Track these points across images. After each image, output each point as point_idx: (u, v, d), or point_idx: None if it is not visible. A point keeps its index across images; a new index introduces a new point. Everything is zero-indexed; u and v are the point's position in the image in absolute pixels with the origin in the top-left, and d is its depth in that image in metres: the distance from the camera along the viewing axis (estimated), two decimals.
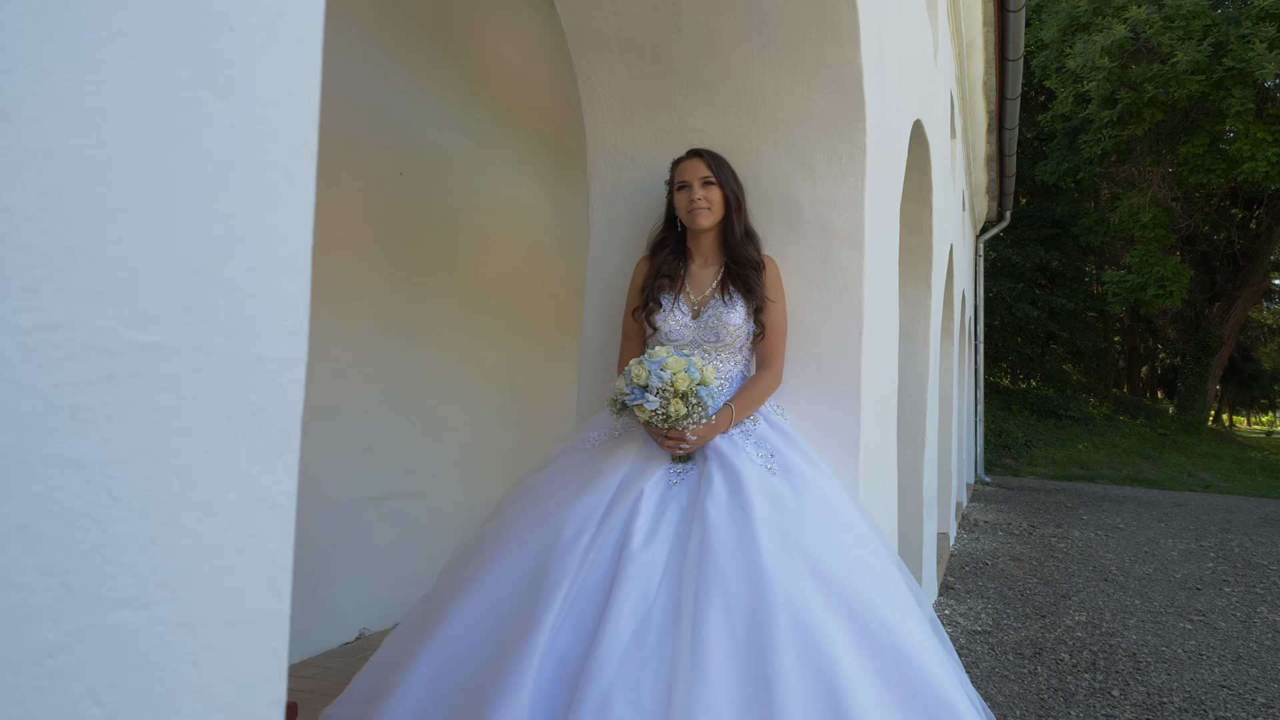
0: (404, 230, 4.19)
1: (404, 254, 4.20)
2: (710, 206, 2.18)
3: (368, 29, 3.89)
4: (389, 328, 4.10)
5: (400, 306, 4.19)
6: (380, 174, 4.00)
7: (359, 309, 3.89)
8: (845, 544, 1.87)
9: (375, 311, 4.01)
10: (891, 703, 1.70)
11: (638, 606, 1.80)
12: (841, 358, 2.26)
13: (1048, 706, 3.73)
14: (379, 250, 4.03)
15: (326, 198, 3.67)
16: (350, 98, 3.77)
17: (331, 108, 3.65)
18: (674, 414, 1.92)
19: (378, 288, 4.03)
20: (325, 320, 3.70)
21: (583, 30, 2.37)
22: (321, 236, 3.63)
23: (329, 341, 3.73)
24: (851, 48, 2.16)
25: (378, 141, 3.96)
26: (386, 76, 4.01)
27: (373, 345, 4.00)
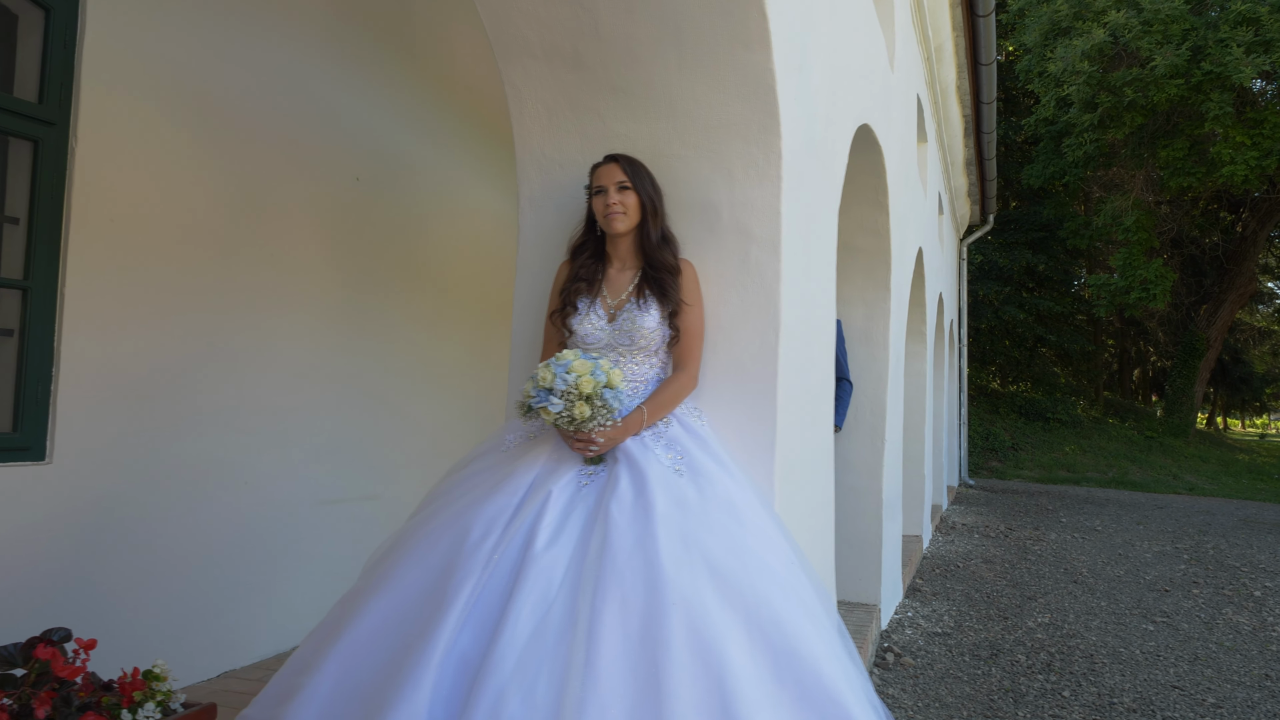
0: (363, 234, 4.21)
1: (363, 257, 4.22)
2: (626, 211, 2.20)
3: (324, 35, 3.91)
4: (348, 330, 4.12)
5: (360, 309, 4.20)
6: (336, 178, 4.02)
7: (315, 311, 3.91)
8: (747, 545, 1.89)
9: (333, 313, 4.03)
10: (782, 700, 1.73)
11: (538, 606, 1.82)
12: (758, 360, 2.28)
13: (996, 707, 3.75)
14: (335, 253, 4.05)
15: (277, 201, 3.69)
16: (303, 103, 3.79)
17: (282, 113, 3.68)
18: (579, 416, 1.95)
19: (335, 290, 4.04)
20: (280, 322, 3.72)
21: (507, 37, 2.39)
22: (272, 239, 3.66)
23: (284, 343, 3.75)
24: (764, 54, 2.19)
25: (332, 146, 3.98)
26: (343, 82, 4.03)
27: (331, 347, 4.02)
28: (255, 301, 3.61)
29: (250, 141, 3.54)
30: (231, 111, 3.44)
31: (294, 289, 3.81)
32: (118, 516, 3.00)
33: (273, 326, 3.69)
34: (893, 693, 3.83)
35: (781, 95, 2.25)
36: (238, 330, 3.52)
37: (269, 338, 3.68)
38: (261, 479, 3.64)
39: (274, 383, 3.71)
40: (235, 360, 3.51)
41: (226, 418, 3.47)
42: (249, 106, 3.52)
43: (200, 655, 3.30)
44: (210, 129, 3.36)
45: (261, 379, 3.64)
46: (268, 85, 3.61)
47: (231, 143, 3.45)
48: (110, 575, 2.97)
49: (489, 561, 1.92)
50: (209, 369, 3.39)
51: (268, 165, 3.63)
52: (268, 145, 3.62)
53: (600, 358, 2.05)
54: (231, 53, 3.44)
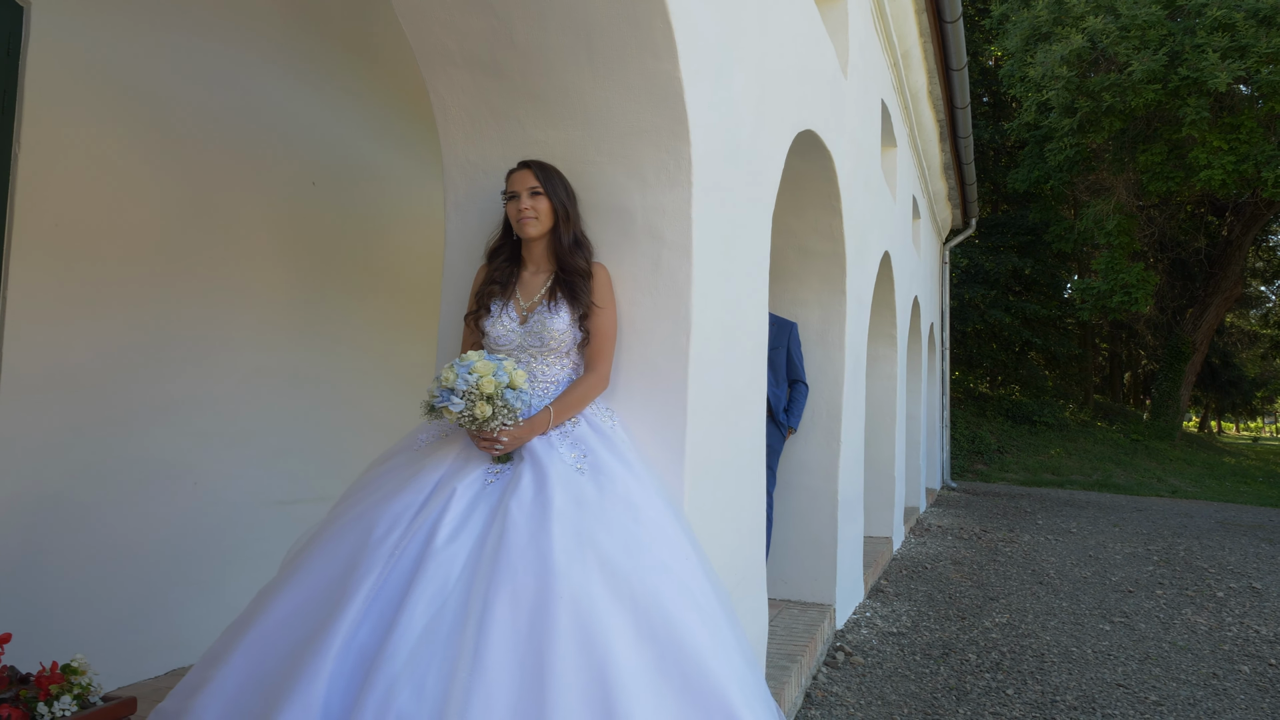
0: (319, 237, 4.26)
1: (320, 259, 4.27)
2: (538, 216, 2.26)
3: (277, 40, 3.97)
4: (304, 330, 4.17)
5: (317, 310, 4.26)
6: (291, 182, 4.08)
7: (268, 312, 3.96)
8: (641, 541, 1.94)
9: (287, 314, 4.08)
10: (665, 692, 1.77)
11: (433, 600, 1.87)
12: (669, 361, 2.34)
13: (938, 704, 3.80)
14: (290, 255, 4.10)
15: (229, 204, 3.75)
16: (255, 108, 3.84)
17: (234, 117, 3.74)
18: (480, 416, 2.00)
19: (290, 291, 4.10)
20: (232, 322, 3.78)
21: (429, 46, 2.45)
22: (225, 241, 3.71)
23: (237, 343, 3.80)
24: (670, 62, 2.24)
25: (287, 151, 4.03)
26: (298, 87, 4.08)
27: (286, 347, 4.07)
28: (207, 301, 3.66)
29: (200, 145, 3.60)
30: (180, 115, 3.50)
31: (247, 290, 3.86)
32: (61, 512, 3.05)
33: (225, 326, 3.75)
34: (837, 690, 3.88)
35: (691, 103, 2.31)
36: (188, 329, 3.58)
37: (221, 337, 3.73)
38: (212, 478, 3.69)
39: (226, 382, 3.76)
40: (185, 359, 3.56)
41: (176, 416, 3.52)
42: (198, 110, 3.57)
43: (149, 653, 3.35)
44: (158, 133, 3.42)
45: (213, 379, 3.69)
46: (217, 90, 3.66)
47: (180, 146, 3.51)
48: (53, 571, 3.02)
49: (391, 557, 1.97)
50: (158, 367, 3.44)
51: (219, 169, 3.69)
52: (219, 149, 3.67)
53: (505, 359, 2.10)
54: (179, 57, 3.50)
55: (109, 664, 3.14)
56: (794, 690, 3.57)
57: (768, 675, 3.47)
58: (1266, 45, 10.22)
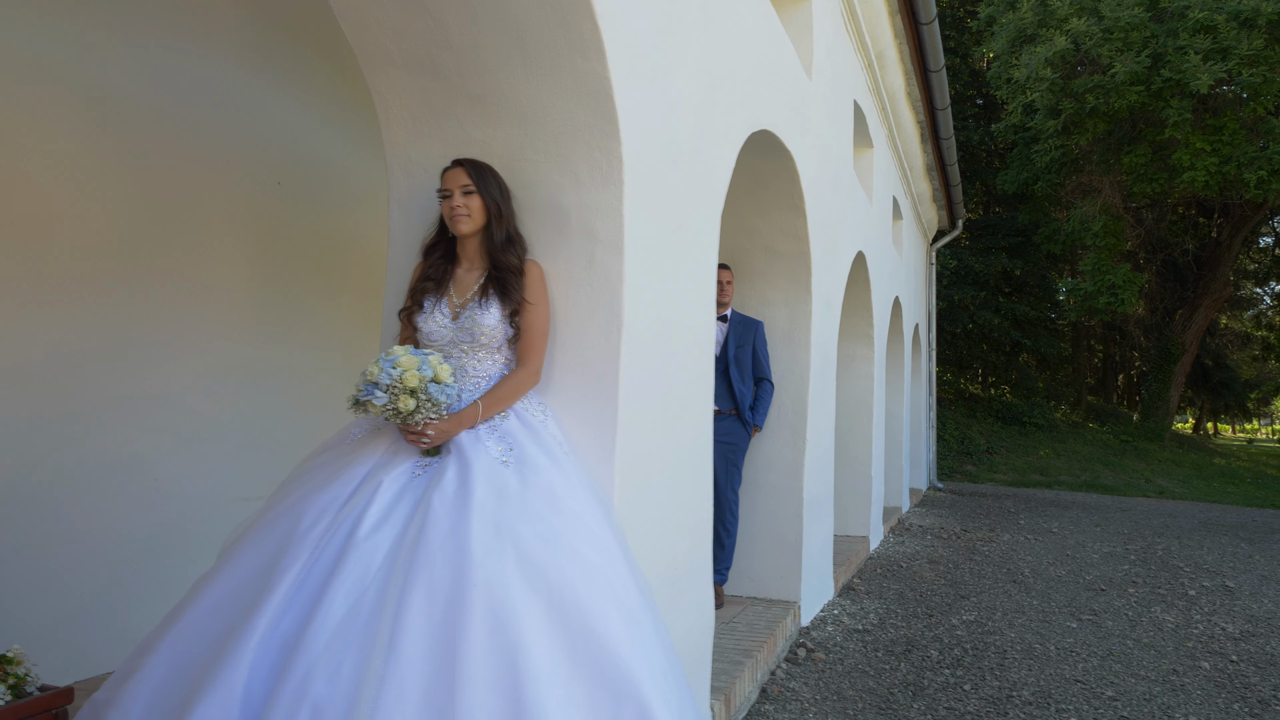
0: (286, 236, 4.30)
1: (286, 258, 4.31)
2: (470, 214, 2.30)
3: (241, 41, 4.01)
4: (269, 329, 4.20)
5: (283, 309, 4.29)
6: (256, 182, 4.12)
7: (231, 310, 4.00)
8: (560, 533, 1.98)
9: (252, 313, 4.12)
10: (575, 679, 1.81)
11: (353, 590, 1.91)
12: (602, 357, 2.37)
13: (893, 699, 3.83)
14: (256, 254, 4.14)
15: (191, 203, 3.78)
16: (218, 107, 3.88)
17: (196, 117, 3.78)
18: (404, 409, 2.03)
19: (254, 290, 4.13)
20: (194, 320, 3.82)
21: (368, 47, 2.49)
22: (187, 240, 3.75)
23: (199, 341, 3.84)
24: (599, 62, 2.28)
25: (252, 150, 4.07)
26: (263, 87, 4.12)
27: (250, 346, 4.11)
28: (169, 299, 3.70)
29: (162, 144, 3.64)
30: (140, 115, 3.53)
31: (210, 287, 3.90)
32: (16, 506, 3.08)
33: (187, 324, 3.78)
34: (794, 686, 3.91)
35: (622, 102, 2.35)
36: (149, 327, 3.61)
37: (183, 335, 3.77)
38: (172, 474, 3.72)
39: (188, 379, 3.80)
40: (146, 356, 3.60)
41: (136, 412, 3.55)
42: (159, 110, 3.61)
43: (108, 648, 3.38)
44: (118, 132, 3.46)
45: (175, 376, 3.73)
46: (179, 89, 3.70)
47: (141, 145, 3.55)
48: (6, 563, 3.05)
49: (316, 548, 2.00)
50: (118, 363, 3.48)
51: (181, 167, 3.72)
52: (180, 148, 3.71)
53: (431, 353, 2.13)
54: (138, 57, 3.54)
55: (64, 658, 3.18)
56: (748, 685, 3.60)
57: (720, 670, 3.51)
58: (1248, 47, 10.27)
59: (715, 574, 4.70)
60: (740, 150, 4.14)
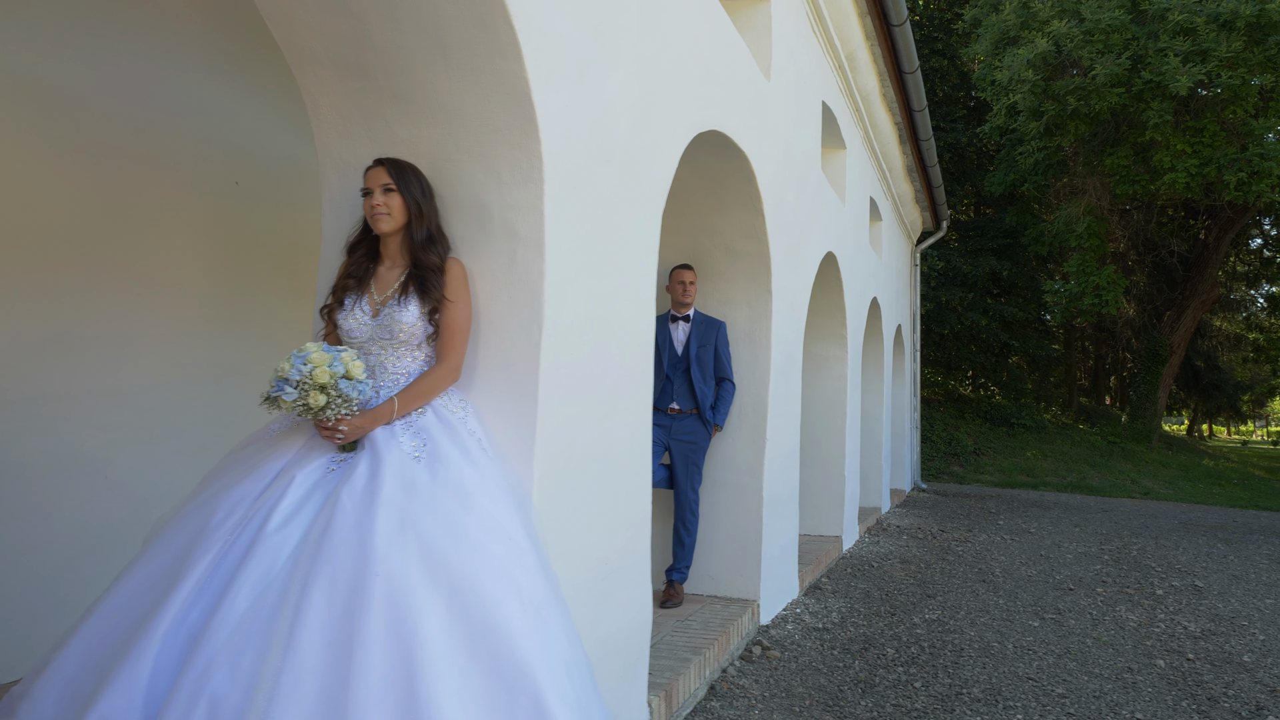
0: (243, 235, 4.32)
1: (244, 257, 4.33)
2: (390, 212, 2.32)
3: (197, 41, 4.03)
4: (227, 327, 4.23)
5: (240, 307, 4.31)
6: (212, 181, 4.14)
7: (186, 308, 4.02)
8: (467, 528, 2.00)
9: (207, 311, 4.14)
10: (472, 670, 1.83)
11: (258, 583, 1.93)
12: (523, 354, 2.39)
13: (842, 696, 3.85)
14: (212, 253, 4.16)
15: (145, 201, 3.81)
16: (173, 106, 3.90)
17: (152, 116, 3.80)
18: (314, 405, 2.06)
19: (210, 289, 4.15)
20: (147, 318, 3.84)
21: (296, 47, 2.51)
22: (140, 238, 3.77)
23: (152, 338, 3.86)
24: (517, 63, 2.30)
25: (209, 150, 4.10)
26: (220, 86, 4.14)
27: (206, 344, 4.13)
28: (123, 296, 3.72)
29: (114, 142, 3.66)
30: (92, 113, 3.56)
31: (167, 285, 3.92)
32: None
33: (142, 321, 3.81)
34: (744, 683, 3.93)
35: (541, 102, 2.37)
36: (102, 323, 3.64)
37: (138, 332, 3.79)
38: (125, 471, 3.74)
39: (143, 376, 3.82)
40: (99, 352, 3.62)
41: (88, 408, 3.57)
42: (112, 108, 3.63)
43: None
44: (68, 130, 3.48)
45: (129, 372, 3.75)
46: (132, 88, 3.72)
47: (93, 143, 3.57)
48: None
49: (227, 542, 2.03)
50: (68, 359, 3.50)
51: (134, 165, 3.75)
52: (134, 146, 3.73)
53: (344, 350, 2.15)
54: (90, 54, 3.56)
55: (15, 655, 3.20)
56: (694, 682, 3.62)
57: (666, 667, 3.53)
58: (1226, 49, 10.30)
59: (675, 572, 4.73)
60: (694, 150, 4.18)
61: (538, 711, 1.81)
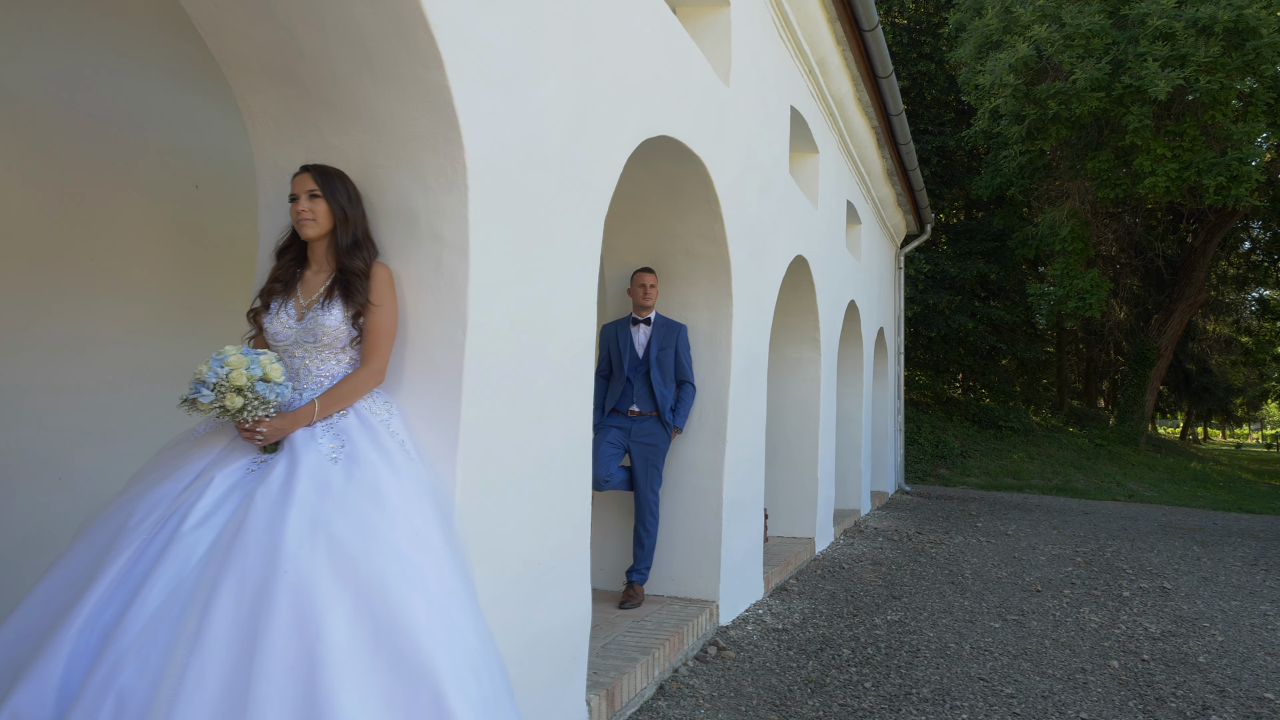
0: (204, 238, 4.36)
1: (204, 260, 4.37)
2: (315, 218, 2.37)
3: (156, 48, 4.07)
4: (187, 329, 4.26)
5: (200, 309, 4.35)
6: (172, 185, 4.18)
7: (144, 310, 4.05)
8: (378, 527, 2.04)
9: (166, 313, 4.17)
10: (374, 667, 1.87)
11: (170, 582, 1.97)
12: (447, 358, 2.44)
13: (790, 696, 3.89)
14: (173, 256, 4.20)
15: (102, 203, 3.85)
16: (133, 112, 3.94)
17: (104, 117, 3.84)
18: (231, 407, 2.10)
19: (169, 290, 4.19)
20: (104, 319, 3.87)
21: (229, 56, 2.55)
22: (96, 240, 3.81)
23: (109, 339, 3.89)
24: (438, 71, 2.35)
25: (168, 154, 4.14)
26: (181, 92, 4.18)
27: (165, 346, 4.16)
28: (78, 298, 3.76)
29: (70, 144, 3.69)
30: (47, 115, 3.60)
31: (125, 288, 3.96)
32: None
33: (95, 324, 3.84)
34: (694, 683, 3.97)
35: (464, 109, 2.41)
36: (56, 325, 3.67)
37: (94, 334, 3.82)
38: (80, 472, 3.77)
39: (96, 378, 3.85)
40: (52, 353, 3.65)
41: (40, 408, 3.61)
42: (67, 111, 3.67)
43: None
44: (22, 131, 3.52)
45: (84, 373, 3.78)
46: (88, 92, 3.76)
47: (48, 145, 3.61)
48: None
49: (144, 540, 2.07)
50: (19, 359, 3.53)
51: (92, 170, 3.78)
52: (92, 150, 3.77)
53: (264, 353, 2.20)
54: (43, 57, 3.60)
55: None
56: (641, 681, 3.66)
57: (613, 666, 3.57)
58: (1205, 55, 10.37)
59: (635, 573, 4.77)
60: (650, 154, 4.23)
61: (438, 707, 1.85)
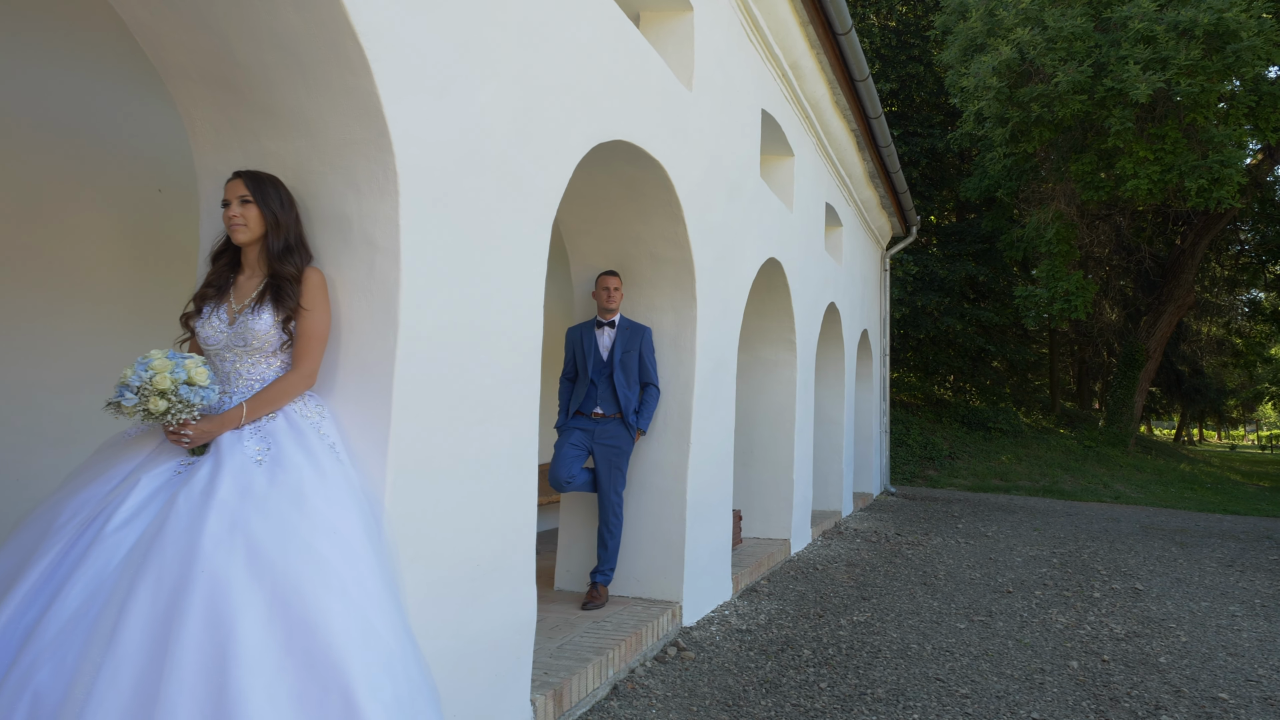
0: (167, 244, 4.39)
1: (167, 263, 4.39)
2: (246, 223, 2.40)
3: (118, 54, 4.10)
4: (146, 331, 4.28)
5: (161, 311, 4.37)
6: (134, 188, 4.21)
7: (104, 315, 4.08)
8: (297, 529, 2.06)
9: (127, 319, 4.20)
10: (286, 666, 1.90)
11: (91, 583, 2.00)
12: (378, 361, 2.47)
13: (745, 696, 3.92)
14: (133, 261, 4.23)
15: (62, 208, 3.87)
16: (91, 113, 3.97)
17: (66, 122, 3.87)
18: (154, 410, 2.13)
19: (130, 296, 4.22)
20: (63, 324, 3.89)
21: (168, 63, 2.58)
22: (56, 245, 3.83)
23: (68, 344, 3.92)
24: (367, 79, 2.38)
25: (129, 158, 4.17)
26: (143, 97, 4.21)
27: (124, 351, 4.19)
28: (35, 301, 3.78)
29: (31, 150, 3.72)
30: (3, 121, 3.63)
31: (81, 291, 3.98)
32: None
33: (54, 326, 3.87)
34: (650, 683, 4.00)
35: (394, 116, 2.45)
36: (12, 327, 3.70)
37: (50, 337, 3.85)
38: (36, 477, 3.80)
39: (54, 380, 3.88)
40: (7, 356, 3.68)
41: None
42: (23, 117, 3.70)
43: None
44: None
45: (40, 377, 3.81)
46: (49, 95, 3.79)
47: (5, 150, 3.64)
48: None
49: (69, 541, 2.10)
50: None
51: (52, 172, 3.81)
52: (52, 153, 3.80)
53: (190, 357, 2.23)
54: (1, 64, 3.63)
55: None
56: (593, 681, 3.69)
57: (564, 667, 3.60)
58: (1185, 58, 10.41)
59: (599, 574, 4.80)
60: (612, 157, 4.26)
61: (347, 706, 1.88)
